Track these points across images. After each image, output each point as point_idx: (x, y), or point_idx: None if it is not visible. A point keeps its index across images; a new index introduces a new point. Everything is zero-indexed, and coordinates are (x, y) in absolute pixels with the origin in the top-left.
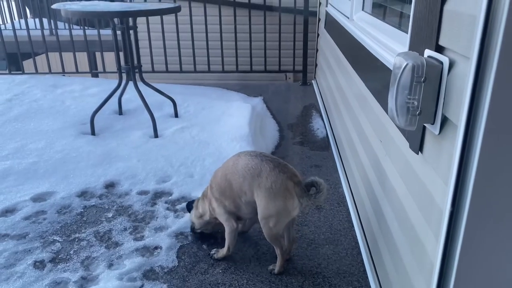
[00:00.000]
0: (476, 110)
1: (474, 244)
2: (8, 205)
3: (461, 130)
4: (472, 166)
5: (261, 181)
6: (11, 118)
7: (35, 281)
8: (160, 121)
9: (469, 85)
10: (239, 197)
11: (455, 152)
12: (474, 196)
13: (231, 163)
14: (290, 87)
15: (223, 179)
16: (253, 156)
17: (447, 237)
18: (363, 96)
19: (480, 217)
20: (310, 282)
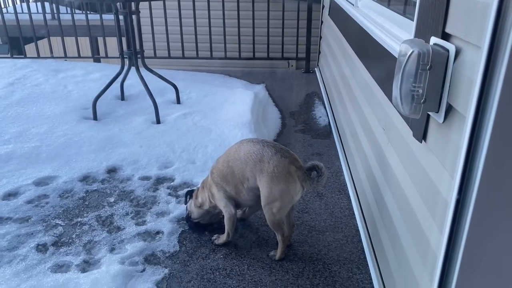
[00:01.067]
0: (486, 99)
1: (480, 237)
2: (10, 189)
3: (470, 120)
4: (480, 156)
5: (263, 166)
6: (13, 102)
7: (38, 264)
8: (162, 107)
9: (480, 74)
10: (241, 183)
11: (463, 142)
12: (481, 187)
13: (233, 149)
14: (293, 74)
15: (225, 165)
16: (255, 143)
17: (452, 229)
18: (366, 84)
19: (487, 210)
20: (310, 269)
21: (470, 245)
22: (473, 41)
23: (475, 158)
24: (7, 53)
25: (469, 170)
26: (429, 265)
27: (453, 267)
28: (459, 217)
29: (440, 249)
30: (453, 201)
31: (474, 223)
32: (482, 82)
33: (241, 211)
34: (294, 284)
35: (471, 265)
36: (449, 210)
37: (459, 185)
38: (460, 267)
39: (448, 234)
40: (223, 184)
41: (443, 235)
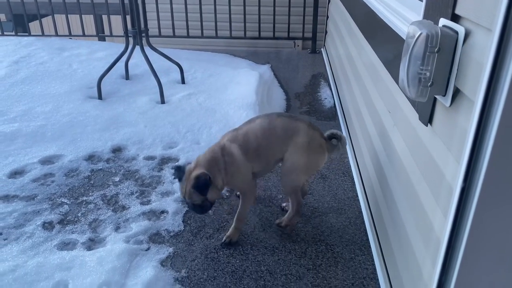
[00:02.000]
0: (496, 84)
1: (484, 224)
2: (16, 167)
3: (479, 105)
4: (488, 142)
5: (298, 139)
6: (18, 80)
7: (44, 242)
8: (167, 87)
9: (490, 57)
10: (273, 156)
11: (470, 128)
12: (488, 175)
13: (263, 124)
14: (299, 55)
15: (255, 142)
16: (286, 117)
17: (456, 215)
18: (373, 66)
19: (492, 198)
20: (313, 249)
21: (474, 232)
22: (484, 23)
23: (482, 144)
24: (12, 30)
25: (475, 157)
26: (432, 249)
27: (456, 252)
28: (464, 204)
29: (444, 234)
30: (458, 188)
31: (479, 210)
32: (492, 66)
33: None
34: (297, 264)
35: (475, 250)
36: (454, 197)
37: (464, 172)
38: (464, 253)
39: (453, 220)
40: (253, 161)
41: (447, 220)
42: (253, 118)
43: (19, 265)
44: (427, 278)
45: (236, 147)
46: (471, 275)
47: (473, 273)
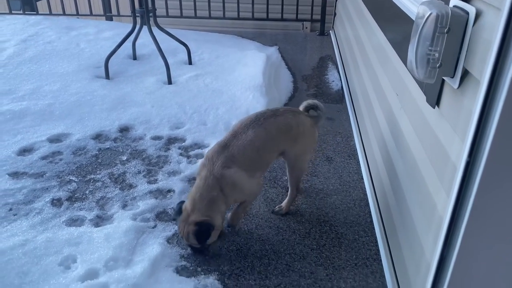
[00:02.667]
0: (502, 64)
1: (487, 201)
2: (25, 145)
3: (485, 84)
4: (492, 120)
5: (295, 132)
6: (26, 59)
7: (53, 218)
8: (174, 68)
9: (498, 37)
10: (273, 157)
11: (476, 105)
12: (491, 152)
13: (258, 132)
14: (307, 37)
15: (254, 153)
16: (279, 115)
17: (459, 192)
18: (382, 48)
19: (496, 174)
20: (317, 230)
21: (476, 208)
22: (495, 3)
23: (487, 121)
24: (20, 9)
25: (480, 133)
26: (434, 227)
27: (458, 228)
28: (467, 181)
29: (446, 212)
30: (463, 163)
31: (482, 187)
32: (499, 46)
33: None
34: (301, 244)
35: (476, 227)
36: (458, 173)
37: (469, 148)
38: (465, 228)
39: (456, 197)
40: (255, 172)
41: (450, 198)
42: (239, 130)
43: (28, 240)
44: (429, 255)
45: (237, 171)
46: (472, 250)
47: (474, 249)
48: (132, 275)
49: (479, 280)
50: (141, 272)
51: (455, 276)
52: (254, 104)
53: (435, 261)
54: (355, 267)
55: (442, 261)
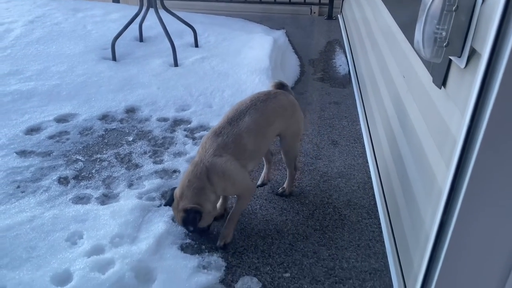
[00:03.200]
0: (503, 39)
1: (485, 172)
2: (33, 124)
3: (485, 57)
4: (491, 95)
5: (287, 112)
6: (33, 40)
7: (60, 195)
8: (180, 50)
9: (499, 11)
10: (267, 143)
11: (476, 79)
12: (489, 126)
13: (256, 117)
14: (315, 21)
15: (252, 142)
16: (272, 98)
17: (458, 163)
18: (389, 30)
19: (493, 146)
20: (321, 211)
21: (474, 178)
22: None
23: (487, 97)
24: None
25: (479, 109)
26: (435, 202)
27: (455, 203)
28: (466, 152)
29: (445, 184)
30: (462, 136)
31: (480, 156)
32: (500, 21)
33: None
34: (304, 225)
35: (474, 195)
36: (457, 145)
37: (469, 120)
38: (463, 202)
39: (455, 167)
40: (249, 161)
41: (449, 170)
42: (235, 116)
43: (36, 216)
44: (428, 226)
45: (229, 159)
46: (470, 217)
47: (471, 216)
48: (137, 251)
49: (476, 249)
50: (146, 248)
51: (452, 247)
52: (260, 87)
53: (433, 233)
54: (358, 248)
55: (440, 231)
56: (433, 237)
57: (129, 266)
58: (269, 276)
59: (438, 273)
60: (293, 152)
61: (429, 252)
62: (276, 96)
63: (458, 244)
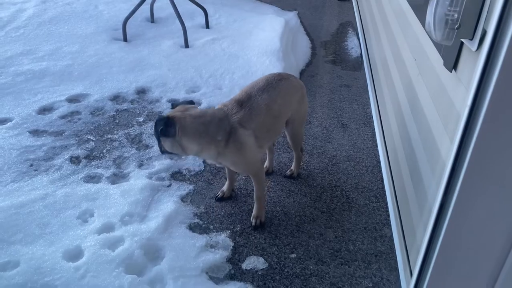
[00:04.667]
0: (507, 19)
1: (486, 154)
2: (45, 104)
3: (489, 36)
4: (494, 73)
5: (298, 95)
6: (45, 20)
7: (72, 174)
8: (191, 31)
9: None
10: (285, 120)
11: (480, 58)
12: (491, 106)
13: (273, 96)
14: (328, 2)
15: (271, 117)
16: (286, 79)
17: (461, 140)
18: (402, 12)
19: (495, 121)
20: (328, 194)
21: (477, 154)
22: None
23: (489, 77)
24: None
25: (483, 86)
26: (438, 176)
27: (457, 176)
28: (468, 132)
29: (449, 160)
30: (466, 112)
31: (481, 135)
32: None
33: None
34: (312, 207)
35: (475, 178)
36: (461, 121)
37: (471, 101)
38: (465, 174)
39: (458, 144)
40: (265, 141)
41: (452, 145)
42: (253, 92)
43: (48, 194)
44: (431, 200)
45: (251, 134)
46: (469, 199)
47: (471, 198)
48: (146, 230)
49: (474, 230)
50: (155, 227)
51: (450, 227)
52: (270, 69)
53: (434, 212)
54: (364, 231)
55: (440, 212)
56: (433, 217)
57: (138, 244)
58: (275, 256)
59: (436, 253)
60: (300, 135)
61: (431, 225)
62: (288, 77)
63: (456, 224)
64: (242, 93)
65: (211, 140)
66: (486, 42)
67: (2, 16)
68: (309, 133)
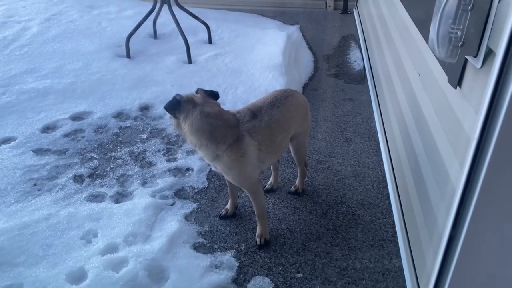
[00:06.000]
0: None
1: (499, 171)
2: (49, 122)
3: (499, 58)
4: (506, 95)
5: (304, 111)
6: (49, 38)
7: (75, 193)
8: (194, 47)
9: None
10: (290, 136)
11: (491, 80)
12: (504, 126)
13: (283, 112)
14: (329, 15)
15: (279, 132)
16: (295, 96)
17: (473, 164)
18: (405, 26)
19: (507, 147)
20: (334, 211)
21: (489, 178)
22: None
23: (502, 97)
24: None
25: (494, 109)
26: (448, 203)
27: (469, 203)
28: (481, 151)
29: (459, 182)
30: (477, 135)
31: (495, 155)
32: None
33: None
34: (317, 224)
35: (488, 196)
36: (471, 145)
37: (483, 120)
38: (477, 202)
39: (469, 167)
40: (267, 157)
41: (463, 170)
42: (264, 106)
43: (52, 214)
44: (442, 226)
45: (256, 145)
46: (483, 217)
47: (485, 216)
48: (150, 250)
49: (489, 250)
50: (159, 247)
51: (465, 247)
52: (273, 84)
53: (447, 233)
54: (371, 248)
55: (454, 231)
56: (446, 237)
57: (142, 265)
58: (281, 276)
59: (451, 275)
60: (304, 149)
61: (442, 252)
62: (294, 94)
63: (471, 244)
64: (253, 105)
65: (212, 140)
66: (496, 64)
67: (7, 34)
68: (313, 147)
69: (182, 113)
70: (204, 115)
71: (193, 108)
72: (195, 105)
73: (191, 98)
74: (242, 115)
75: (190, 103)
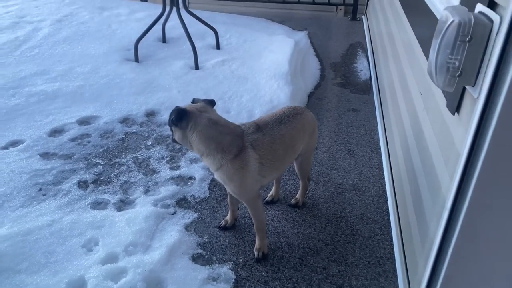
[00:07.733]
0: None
1: (486, 200)
2: (56, 126)
3: (485, 87)
4: (491, 123)
5: (311, 129)
6: (60, 39)
7: (79, 200)
8: (202, 52)
9: (498, 48)
10: (295, 155)
11: (477, 106)
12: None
13: (289, 129)
14: (338, 21)
15: (283, 149)
16: (305, 114)
17: (462, 178)
18: (409, 43)
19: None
20: (333, 225)
21: (476, 204)
22: None
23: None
24: None
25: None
26: (439, 215)
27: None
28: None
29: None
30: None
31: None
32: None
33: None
34: (316, 239)
35: (475, 221)
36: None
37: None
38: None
39: (458, 183)
40: (269, 173)
41: (452, 183)
42: (271, 121)
43: (55, 221)
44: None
45: (257, 159)
46: (469, 242)
47: (471, 241)
48: (149, 261)
49: (476, 272)
50: (158, 258)
51: (451, 268)
52: (278, 93)
53: (434, 250)
54: (368, 265)
55: (440, 251)
56: (433, 255)
57: (141, 276)
58: None
59: None
60: (308, 166)
61: (430, 267)
62: (303, 112)
63: (457, 265)
64: (260, 119)
65: (219, 149)
66: (483, 91)
67: (19, 35)
68: (315, 159)
69: (190, 122)
70: (213, 122)
71: (200, 116)
72: (201, 114)
73: (195, 108)
74: (247, 126)
75: (196, 112)
